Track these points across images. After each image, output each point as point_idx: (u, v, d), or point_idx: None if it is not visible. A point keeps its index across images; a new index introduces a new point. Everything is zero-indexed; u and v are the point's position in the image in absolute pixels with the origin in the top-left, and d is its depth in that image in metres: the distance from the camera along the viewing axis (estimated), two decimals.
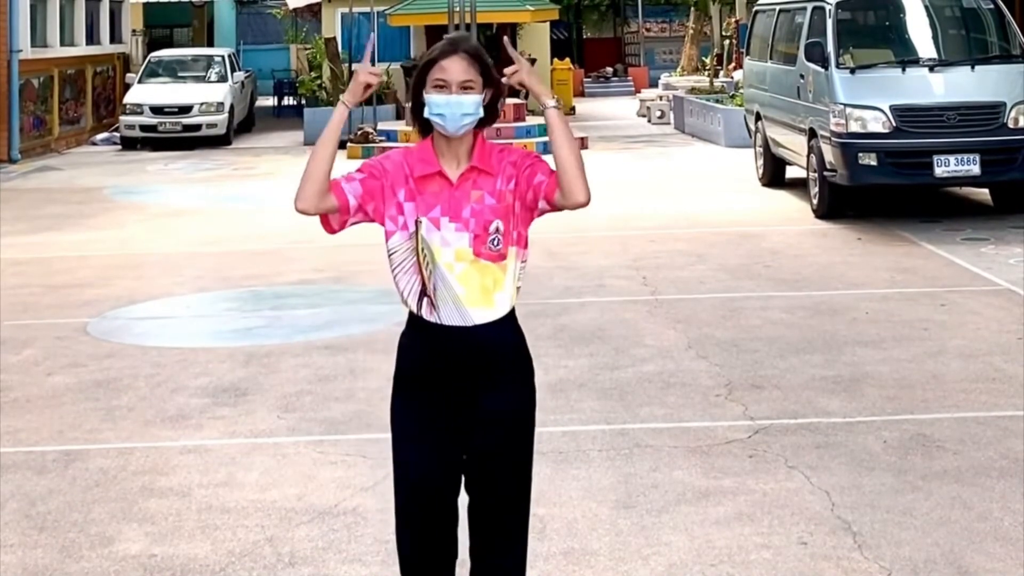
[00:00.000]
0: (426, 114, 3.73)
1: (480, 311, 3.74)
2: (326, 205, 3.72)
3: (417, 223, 3.72)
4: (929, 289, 10.04)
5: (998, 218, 13.14)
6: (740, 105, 19.35)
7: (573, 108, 29.90)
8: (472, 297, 3.73)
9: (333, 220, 3.78)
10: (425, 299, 3.75)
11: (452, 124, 3.71)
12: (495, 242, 3.73)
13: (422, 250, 3.72)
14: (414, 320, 3.81)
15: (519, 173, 3.76)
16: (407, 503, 3.83)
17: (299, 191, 3.72)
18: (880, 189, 13.31)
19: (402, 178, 3.77)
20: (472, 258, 3.72)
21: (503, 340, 3.79)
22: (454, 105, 3.69)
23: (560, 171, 3.69)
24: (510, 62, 3.80)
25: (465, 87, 3.71)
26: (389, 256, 3.79)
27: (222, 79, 25.47)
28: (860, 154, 12.71)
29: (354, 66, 3.92)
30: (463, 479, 3.86)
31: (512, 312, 3.82)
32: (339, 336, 8.99)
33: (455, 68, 3.72)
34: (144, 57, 28.26)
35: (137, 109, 24.05)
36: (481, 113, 3.74)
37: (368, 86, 3.75)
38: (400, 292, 3.80)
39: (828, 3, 13.75)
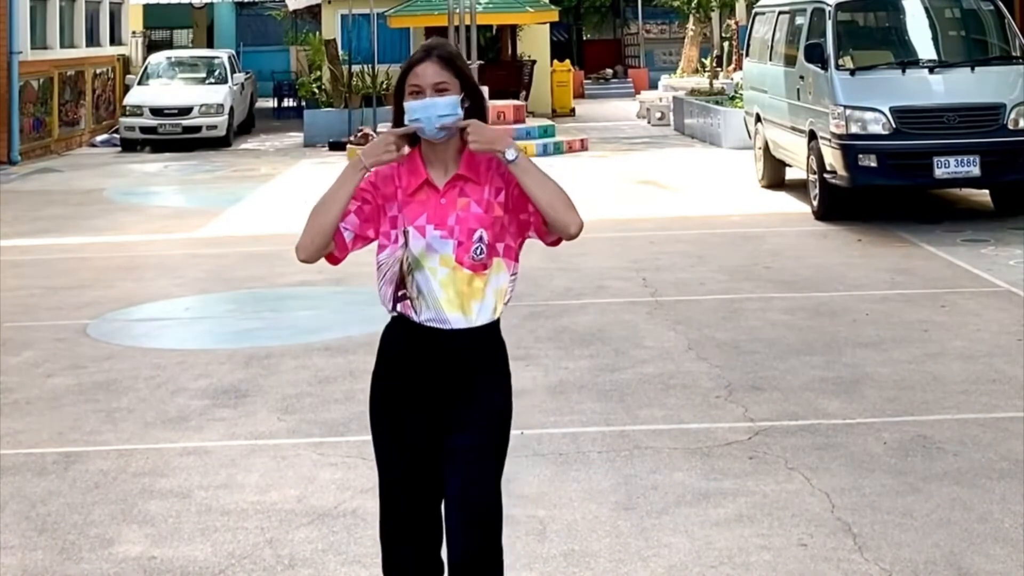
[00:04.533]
0: (406, 120, 3.75)
1: (458, 317, 3.75)
2: (327, 251, 3.75)
3: (404, 232, 3.73)
4: (929, 290, 10.03)
5: (998, 219, 13.14)
6: (740, 107, 19.35)
7: (573, 110, 29.93)
8: (451, 303, 3.75)
9: (336, 253, 3.79)
10: (406, 301, 3.76)
11: (429, 126, 3.72)
12: (479, 251, 3.74)
13: (406, 257, 3.74)
14: (396, 318, 3.83)
15: (510, 187, 3.76)
16: (385, 497, 3.85)
17: (302, 243, 3.71)
18: (880, 190, 13.31)
19: (393, 191, 3.78)
20: (454, 265, 3.74)
21: (479, 349, 3.79)
22: (429, 107, 3.71)
23: (543, 214, 3.69)
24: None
25: (439, 89, 3.73)
26: (377, 267, 3.81)
27: (222, 81, 25.47)
28: (860, 155, 12.71)
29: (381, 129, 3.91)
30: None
31: (494, 324, 3.82)
32: (339, 338, 8.99)
33: (428, 72, 3.74)
34: (144, 59, 28.27)
35: (137, 111, 24.06)
36: (460, 113, 3.74)
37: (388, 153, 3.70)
38: (382, 297, 3.82)
39: (828, 4, 13.75)
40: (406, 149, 3.78)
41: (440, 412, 3.80)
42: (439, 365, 3.77)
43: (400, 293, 3.78)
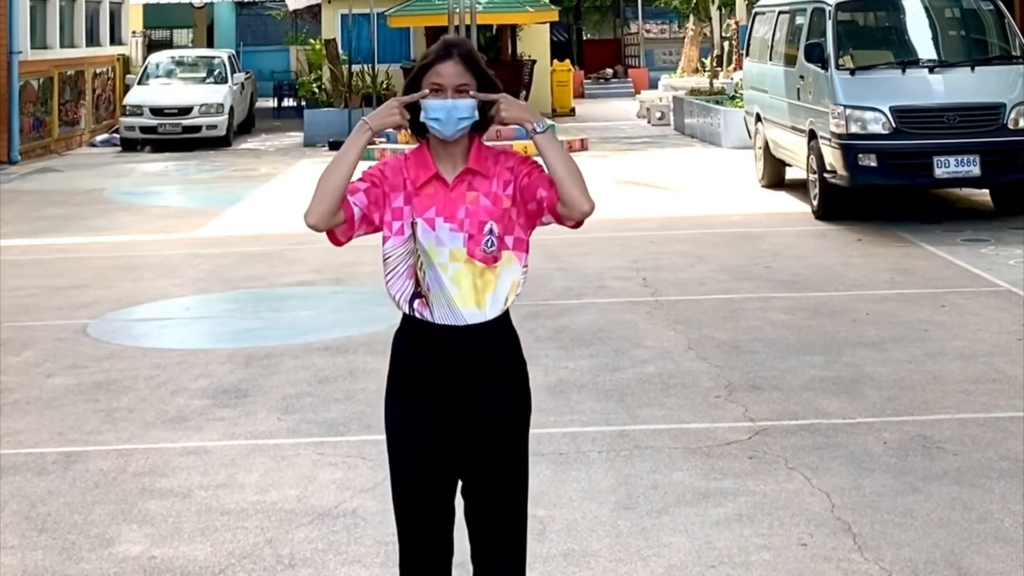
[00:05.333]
0: (422, 118, 3.75)
1: (471, 311, 3.76)
2: (336, 221, 3.73)
3: (413, 225, 3.74)
4: (929, 290, 10.03)
5: (998, 219, 13.14)
6: (740, 106, 19.36)
7: (573, 109, 29.92)
8: (464, 297, 3.75)
9: (340, 233, 3.78)
10: (419, 300, 3.77)
11: (448, 128, 3.72)
12: (489, 244, 3.75)
13: (417, 251, 3.74)
14: (407, 320, 3.83)
15: (517, 179, 3.78)
16: (401, 501, 3.86)
17: (312, 208, 3.70)
18: (880, 190, 13.31)
19: (400, 183, 3.79)
20: (466, 258, 3.75)
21: (494, 341, 3.81)
22: (450, 109, 3.71)
23: (558, 186, 3.70)
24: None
25: (460, 91, 3.73)
26: (384, 260, 3.81)
27: (222, 80, 25.48)
28: (860, 155, 12.71)
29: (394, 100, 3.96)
30: (460, 482, 3.87)
31: (506, 315, 3.84)
32: (339, 337, 8.98)
33: (451, 72, 3.73)
34: (144, 59, 28.28)
35: (137, 110, 24.07)
36: (476, 116, 3.75)
37: (395, 120, 3.76)
38: (392, 296, 3.83)
39: (828, 4, 13.75)
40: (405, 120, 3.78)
41: (460, 408, 3.80)
42: (456, 364, 3.77)
43: (416, 290, 3.78)
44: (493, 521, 3.85)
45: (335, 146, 22.32)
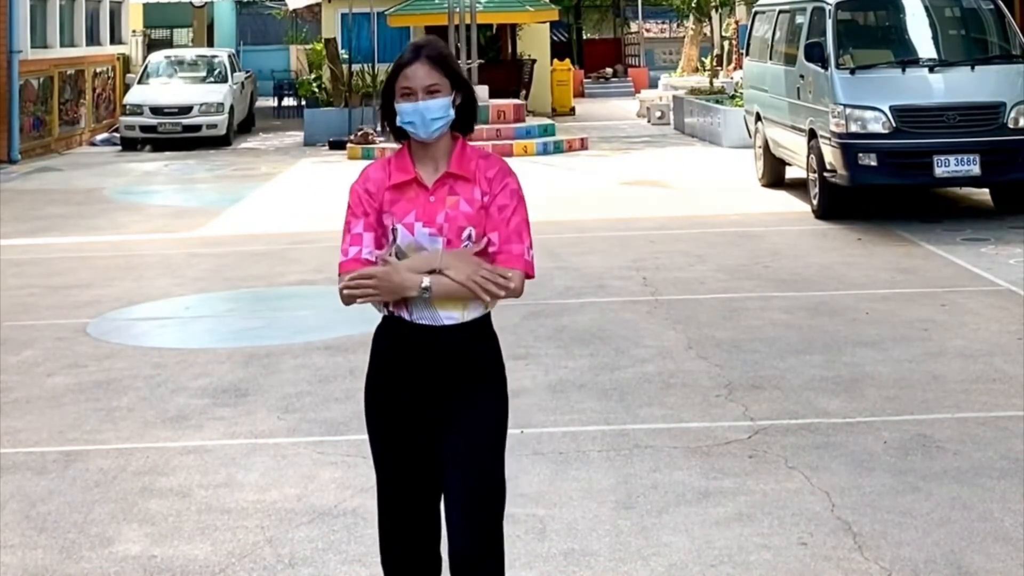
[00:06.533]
0: (398, 123, 3.76)
1: (449, 313, 3.77)
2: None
3: (393, 231, 3.74)
4: (929, 289, 10.03)
5: (998, 218, 13.14)
6: (740, 106, 19.36)
7: (573, 109, 29.94)
8: (442, 301, 3.74)
9: None
10: (399, 301, 3.77)
11: (423, 130, 3.73)
12: (467, 249, 3.74)
13: (396, 256, 3.75)
14: (387, 318, 3.85)
15: (489, 199, 3.76)
16: (382, 498, 3.87)
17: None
18: (880, 189, 13.31)
19: (383, 192, 3.78)
20: None
21: (472, 342, 3.81)
22: (422, 111, 3.71)
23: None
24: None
25: (431, 91, 3.72)
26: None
27: (222, 80, 25.48)
28: (860, 154, 12.71)
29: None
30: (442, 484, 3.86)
31: (485, 318, 3.84)
32: (339, 337, 8.98)
33: (419, 74, 3.73)
34: (144, 58, 28.29)
35: (137, 110, 24.07)
36: (452, 115, 3.75)
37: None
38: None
39: (828, 3, 13.75)
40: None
41: (436, 411, 3.80)
42: (433, 363, 3.78)
43: None
44: (469, 525, 3.79)
45: (335, 145, 22.29)
